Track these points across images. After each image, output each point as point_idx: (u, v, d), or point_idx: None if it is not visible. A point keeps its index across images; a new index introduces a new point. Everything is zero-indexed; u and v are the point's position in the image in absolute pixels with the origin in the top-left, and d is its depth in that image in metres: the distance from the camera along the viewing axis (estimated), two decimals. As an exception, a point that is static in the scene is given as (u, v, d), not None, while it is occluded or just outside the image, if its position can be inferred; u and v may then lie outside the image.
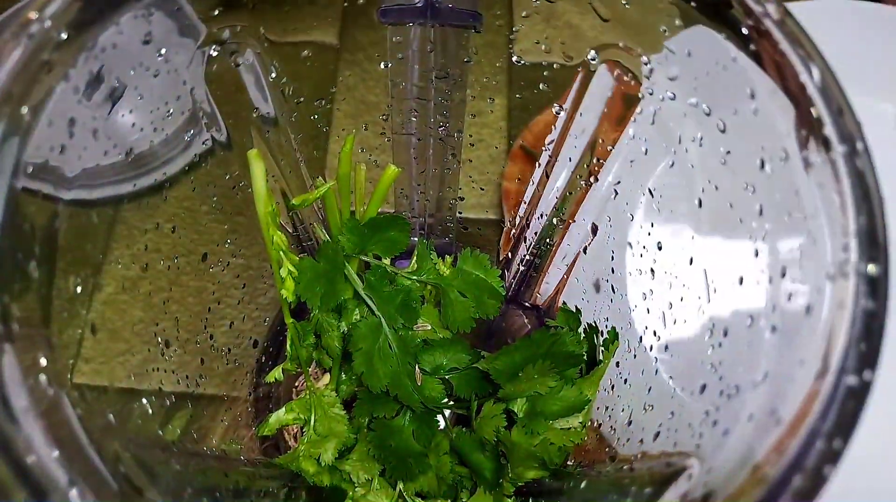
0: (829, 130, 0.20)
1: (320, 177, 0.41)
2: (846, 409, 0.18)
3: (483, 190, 0.46)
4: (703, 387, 0.25)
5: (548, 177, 0.37)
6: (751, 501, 0.17)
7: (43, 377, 0.20)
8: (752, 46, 0.23)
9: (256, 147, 0.34)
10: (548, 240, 0.40)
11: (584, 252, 0.38)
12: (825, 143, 0.20)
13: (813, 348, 0.19)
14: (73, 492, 0.18)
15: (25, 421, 0.18)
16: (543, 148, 0.36)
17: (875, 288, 0.19)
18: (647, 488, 0.24)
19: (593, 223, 0.36)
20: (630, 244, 0.33)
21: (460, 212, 0.44)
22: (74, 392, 0.21)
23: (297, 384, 0.43)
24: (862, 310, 0.19)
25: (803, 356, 0.19)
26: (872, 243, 0.19)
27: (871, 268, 0.19)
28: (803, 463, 0.17)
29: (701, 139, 0.26)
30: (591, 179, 0.34)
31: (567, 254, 0.39)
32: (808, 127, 0.21)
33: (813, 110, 0.21)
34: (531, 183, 0.39)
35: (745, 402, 0.21)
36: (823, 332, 0.19)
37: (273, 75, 0.32)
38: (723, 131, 0.25)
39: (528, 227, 0.41)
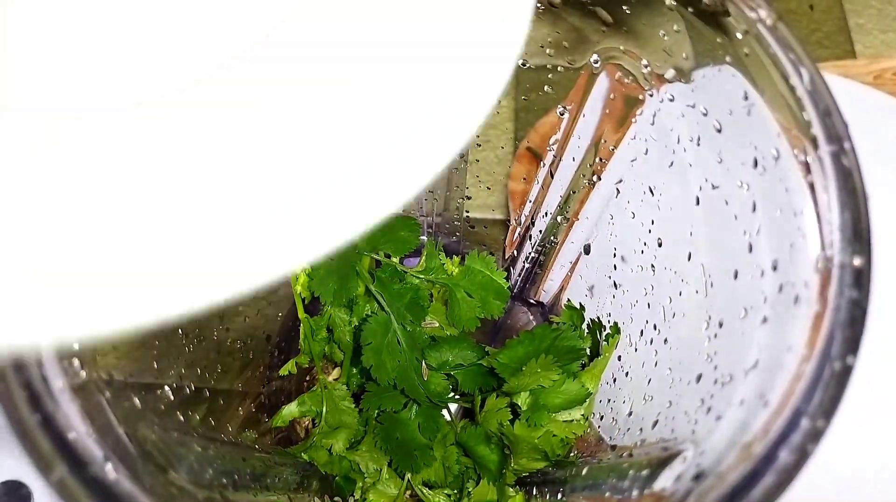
0: (817, 130, 0.22)
1: None
2: (829, 392, 0.19)
3: (490, 190, 0.48)
4: (700, 377, 0.26)
5: (552, 176, 0.38)
6: (738, 477, 0.19)
7: (76, 360, 0.21)
8: (746, 50, 0.24)
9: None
10: (552, 238, 0.41)
11: (587, 251, 0.39)
12: (813, 143, 0.22)
13: (800, 336, 0.20)
14: (108, 466, 0.19)
15: (63, 400, 0.20)
16: (548, 148, 0.38)
17: (858, 279, 0.20)
18: (643, 471, 0.25)
19: (596, 221, 0.37)
20: (632, 241, 0.34)
21: (467, 212, 0.46)
22: (103, 374, 0.23)
23: (307, 378, 0.44)
24: (846, 299, 0.20)
25: (791, 343, 0.21)
26: (857, 237, 0.20)
27: (856, 261, 0.20)
28: (788, 442, 0.18)
29: (698, 139, 0.28)
30: (594, 178, 0.35)
31: (571, 252, 0.40)
32: (797, 127, 0.22)
33: (802, 111, 0.22)
34: (536, 182, 0.40)
35: (736, 389, 0.23)
36: (810, 321, 0.20)
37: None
38: (719, 131, 0.26)
39: (534, 226, 0.42)
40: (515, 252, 0.45)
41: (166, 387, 0.28)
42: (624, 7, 0.28)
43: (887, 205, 0.46)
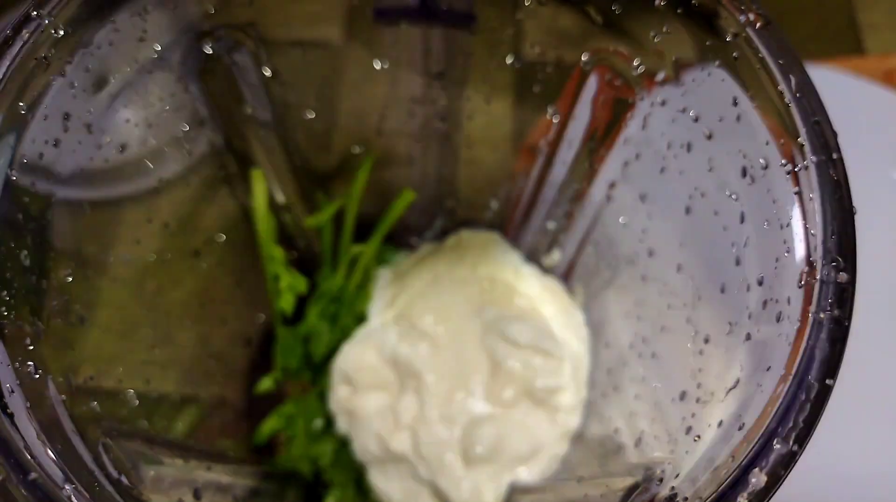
0: (804, 139, 0.22)
1: (322, 192, 0.42)
2: (805, 414, 0.19)
3: (486, 191, 0.48)
4: (683, 394, 0.26)
5: (544, 179, 0.38)
6: (709, 499, 0.19)
7: (30, 362, 0.22)
8: (735, 54, 0.24)
9: (252, 146, 0.36)
10: (545, 245, 0.41)
11: (580, 257, 0.39)
12: (801, 152, 0.22)
13: (780, 355, 0.20)
14: (55, 472, 0.19)
15: (11, 401, 0.20)
16: (539, 150, 0.38)
17: (841, 297, 0.20)
18: (619, 491, 0.25)
19: (589, 228, 0.37)
20: (624, 250, 0.34)
21: (459, 214, 0.46)
22: (60, 377, 0.23)
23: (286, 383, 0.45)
24: (827, 318, 0.20)
25: (770, 362, 0.21)
26: (841, 253, 0.20)
27: (838, 277, 0.20)
28: (760, 465, 0.18)
29: (689, 145, 0.27)
30: (586, 184, 0.35)
31: (563, 259, 0.40)
32: (785, 135, 0.22)
33: (790, 119, 0.22)
34: (528, 185, 0.40)
35: (717, 408, 0.23)
36: (791, 339, 0.20)
37: (268, 74, 0.34)
38: (709, 138, 0.26)
39: (527, 230, 0.42)
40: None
41: (130, 392, 0.29)
42: (614, 7, 0.28)
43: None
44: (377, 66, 0.36)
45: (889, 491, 0.40)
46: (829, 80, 0.46)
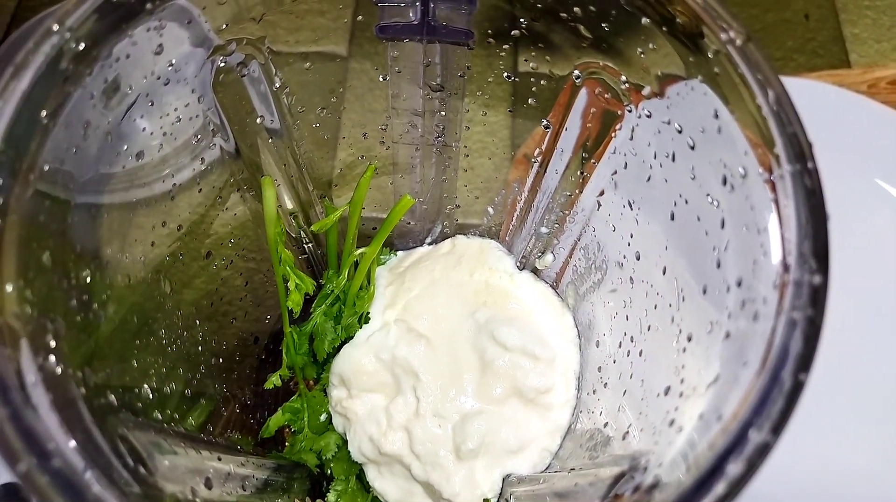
0: (780, 149, 0.22)
1: (327, 198, 0.43)
2: (779, 407, 0.19)
3: (477, 198, 0.48)
4: (668, 389, 0.26)
5: (537, 187, 0.38)
6: (688, 488, 0.19)
7: (52, 357, 0.22)
8: (717, 69, 0.24)
9: (261, 153, 0.36)
10: (539, 245, 0.42)
11: (571, 261, 0.39)
12: (777, 161, 0.22)
13: (756, 351, 0.21)
14: (75, 460, 0.20)
15: (34, 394, 0.20)
16: (532, 160, 0.38)
17: (815, 297, 0.20)
18: (607, 480, 0.25)
19: (579, 233, 0.37)
20: (612, 254, 0.35)
21: (457, 220, 0.46)
22: (79, 372, 0.23)
23: (293, 381, 0.45)
24: (801, 317, 0.20)
25: (747, 358, 0.21)
26: (815, 256, 0.21)
27: (811, 279, 0.20)
28: (737, 454, 0.19)
29: (673, 155, 0.28)
30: (577, 191, 0.36)
31: (556, 263, 0.41)
32: (762, 146, 0.23)
33: (767, 130, 0.22)
34: (523, 193, 0.40)
35: (698, 402, 0.23)
36: (766, 337, 0.21)
37: (277, 85, 0.34)
38: (692, 148, 0.27)
39: (521, 235, 0.42)
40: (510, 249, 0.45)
41: (145, 386, 0.29)
42: (603, 24, 0.29)
43: (881, 214, 0.47)
44: (380, 78, 0.36)
45: (870, 488, 0.41)
46: (815, 91, 0.47)
